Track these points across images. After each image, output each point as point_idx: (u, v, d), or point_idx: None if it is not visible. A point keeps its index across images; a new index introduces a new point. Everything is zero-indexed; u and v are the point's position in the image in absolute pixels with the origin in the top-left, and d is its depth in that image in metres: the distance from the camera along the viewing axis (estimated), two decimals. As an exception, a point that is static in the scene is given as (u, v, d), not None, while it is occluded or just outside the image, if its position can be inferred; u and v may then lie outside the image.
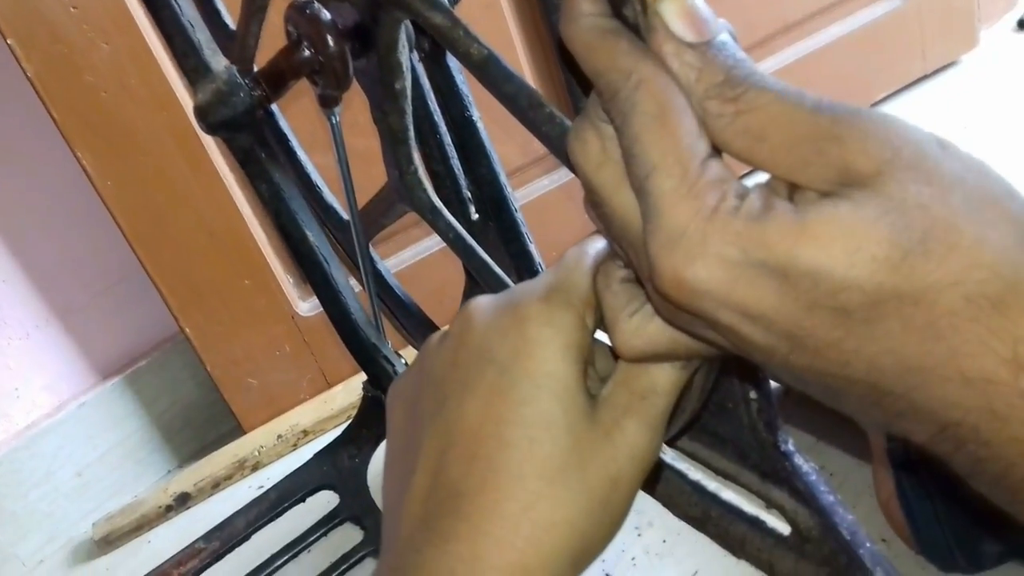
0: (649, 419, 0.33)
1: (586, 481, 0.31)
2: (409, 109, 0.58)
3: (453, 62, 0.61)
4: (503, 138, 1.03)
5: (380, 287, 0.74)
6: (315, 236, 0.64)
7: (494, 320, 0.33)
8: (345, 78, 0.47)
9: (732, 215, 0.24)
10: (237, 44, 0.56)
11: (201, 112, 0.55)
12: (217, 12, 0.61)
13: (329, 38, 0.46)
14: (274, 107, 0.66)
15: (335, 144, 0.53)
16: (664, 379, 0.33)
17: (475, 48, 0.39)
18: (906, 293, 0.23)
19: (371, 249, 0.71)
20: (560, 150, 0.37)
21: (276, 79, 0.50)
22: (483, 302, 0.35)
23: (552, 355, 0.32)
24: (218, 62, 0.57)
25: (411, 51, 0.58)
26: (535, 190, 1.08)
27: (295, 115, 0.74)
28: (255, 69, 0.56)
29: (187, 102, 0.89)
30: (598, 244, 0.35)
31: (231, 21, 0.61)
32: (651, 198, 0.26)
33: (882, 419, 0.25)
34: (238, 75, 0.54)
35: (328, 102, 0.50)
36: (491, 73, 0.38)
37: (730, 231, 0.24)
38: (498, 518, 0.31)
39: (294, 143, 0.69)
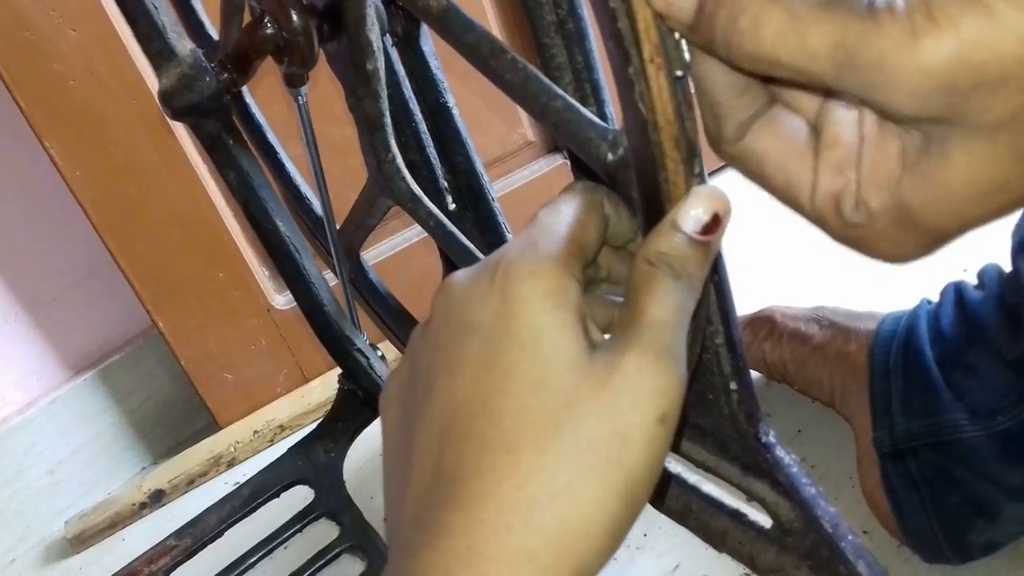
0: (652, 354, 0.28)
1: (584, 441, 0.27)
2: (384, 93, 0.57)
3: (427, 46, 0.59)
4: (482, 128, 1.02)
5: (357, 279, 0.73)
6: (286, 226, 0.63)
7: (473, 287, 0.30)
8: (311, 55, 0.46)
9: None
10: (220, 46, 0.54)
11: (165, 97, 0.54)
12: (183, -6, 0.59)
13: (293, 13, 0.44)
14: (246, 93, 0.65)
15: (303, 126, 0.51)
16: (665, 308, 0.28)
17: (434, 1, 0.37)
18: None
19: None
20: (522, 97, 0.35)
21: (242, 60, 0.48)
22: (459, 274, 0.32)
23: (534, 309, 0.28)
24: (183, 45, 0.56)
25: (384, 35, 0.57)
26: (514, 181, 1.07)
27: (271, 104, 0.73)
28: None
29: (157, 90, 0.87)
30: (571, 197, 0.32)
31: (197, 3, 0.60)
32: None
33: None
34: (203, 58, 0.52)
35: (294, 81, 0.48)
36: (451, 24, 0.37)
37: None
38: (493, 501, 0.27)
39: (266, 130, 0.67)
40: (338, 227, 0.70)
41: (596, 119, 0.34)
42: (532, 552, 0.27)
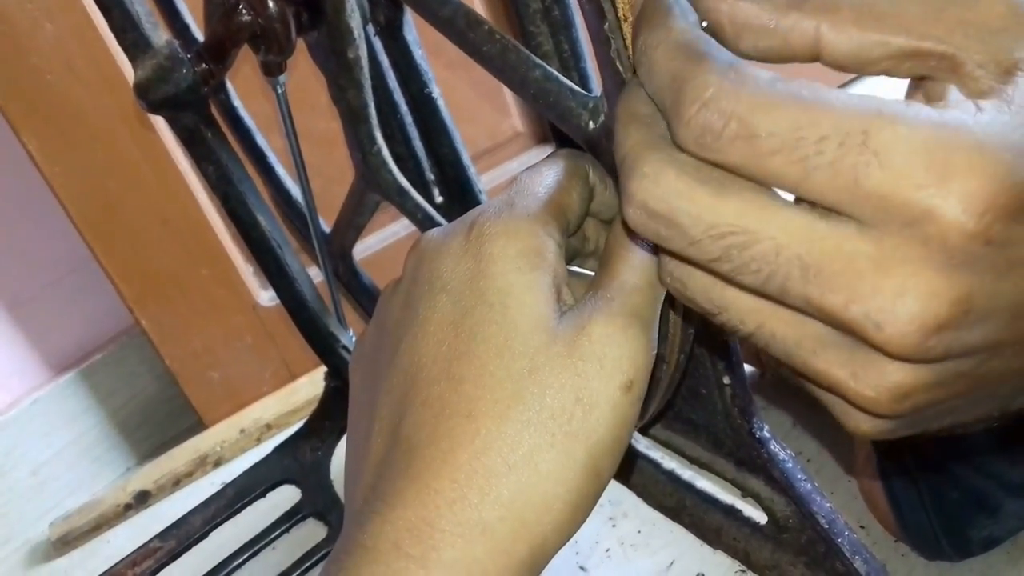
0: (621, 319, 0.26)
1: (546, 409, 0.26)
2: (367, 83, 0.56)
3: (411, 35, 0.58)
4: (469, 119, 1.01)
5: (343, 274, 0.72)
6: (267, 221, 0.62)
7: (446, 245, 0.29)
8: (288, 42, 0.45)
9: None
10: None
11: (141, 89, 0.52)
12: (159, -16, 0.58)
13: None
14: (228, 85, 0.64)
15: (281, 115, 0.50)
16: (637, 274, 0.27)
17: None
18: None
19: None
20: (500, 69, 0.34)
21: (218, 49, 0.47)
22: (433, 232, 0.30)
23: (505, 268, 0.27)
24: (159, 36, 0.54)
25: (366, 24, 0.56)
26: (503, 173, 1.06)
27: (254, 97, 0.71)
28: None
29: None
30: (554, 161, 0.31)
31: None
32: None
33: None
34: (180, 49, 0.51)
35: (272, 70, 0.47)
36: None
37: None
38: (448, 471, 0.26)
39: (248, 123, 0.66)
40: (325, 225, 0.69)
41: (576, 87, 0.33)
42: (487, 525, 0.25)
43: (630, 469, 0.53)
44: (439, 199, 0.67)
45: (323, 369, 0.77)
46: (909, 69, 0.21)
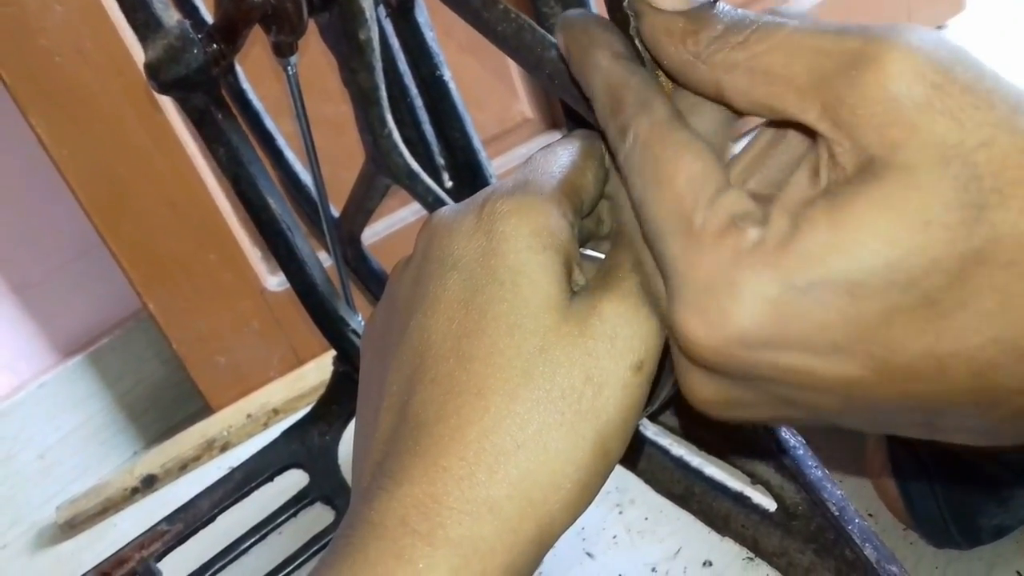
0: (632, 298, 0.26)
1: (556, 388, 0.26)
2: (378, 65, 0.56)
3: (423, 17, 0.58)
4: (478, 104, 1.01)
5: (352, 258, 0.72)
6: (277, 204, 0.61)
7: (458, 223, 0.29)
8: (299, 23, 0.44)
9: (758, 248, 0.21)
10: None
11: (152, 70, 0.52)
12: (170, -36, 0.57)
13: (280, -21, 0.43)
14: (237, 67, 0.63)
15: (292, 97, 0.50)
16: (650, 254, 0.27)
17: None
18: (991, 255, 0.18)
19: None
20: (515, 49, 0.34)
21: (229, 30, 0.47)
22: (445, 210, 0.30)
23: (517, 246, 0.27)
24: (170, 16, 0.54)
25: (377, 6, 0.56)
26: (513, 159, 1.05)
27: (264, 81, 0.71)
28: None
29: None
30: (570, 142, 0.30)
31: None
32: (664, 264, 0.22)
33: (1007, 430, 0.21)
34: (191, 30, 0.51)
35: (283, 50, 0.47)
36: None
37: (761, 266, 0.20)
38: (457, 448, 0.26)
39: (257, 106, 0.65)
40: (334, 209, 0.68)
41: None
42: (495, 503, 0.25)
43: (638, 456, 0.53)
44: (449, 184, 0.66)
45: (330, 354, 0.77)
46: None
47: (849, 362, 0.20)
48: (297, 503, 0.74)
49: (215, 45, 0.50)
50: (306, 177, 0.69)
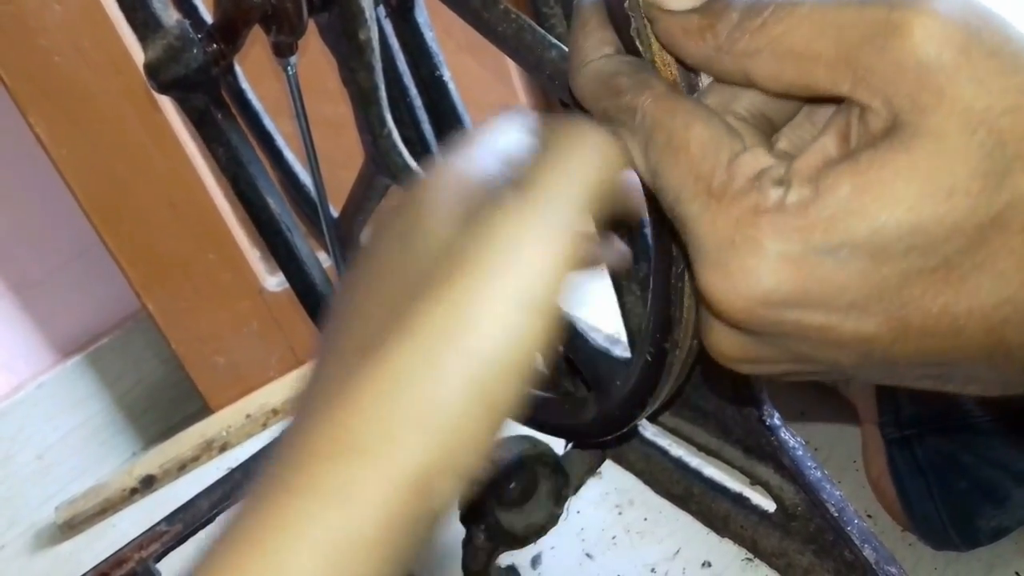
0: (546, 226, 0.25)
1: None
2: (378, 65, 0.56)
3: (422, 17, 0.58)
4: (477, 105, 1.00)
5: (352, 258, 0.72)
6: (276, 203, 0.61)
7: (447, 208, 0.27)
8: (299, 22, 0.44)
9: (780, 207, 0.21)
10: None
11: (152, 69, 0.52)
12: (169, -36, 0.58)
13: (279, -22, 0.43)
14: (237, 67, 0.63)
15: (292, 97, 0.50)
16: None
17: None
18: (1010, 220, 0.19)
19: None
20: (515, 49, 0.34)
21: (229, 29, 0.47)
22: (452, 178, 0.28)
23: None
24: (169, 16, 0.54)
25: (377, 5, 0.56)
26: (511, 161, 1.05)
27: (262, 81, 0.71)
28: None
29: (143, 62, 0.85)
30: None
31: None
32: (686, 227, 0.23)
33: (1019, 379, 0.22)
34: (191, 30, 0.51)
35: (283, 51, 0.47)
36: None
37: (784, 225, 0.21)
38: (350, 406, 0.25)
39: (256, 105, 0.65)
40: (333, 209, 0.68)
41: None
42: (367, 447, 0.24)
43: (637, 456, 0.53)
44: (448, 184, 0.66)
45: (330, 354, 0.77)
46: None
47: (868, 321, 0.21)
48: (296, 503, 0.74)
49: (215, 45, 0.50)
50: (305, 177, 0.69)
